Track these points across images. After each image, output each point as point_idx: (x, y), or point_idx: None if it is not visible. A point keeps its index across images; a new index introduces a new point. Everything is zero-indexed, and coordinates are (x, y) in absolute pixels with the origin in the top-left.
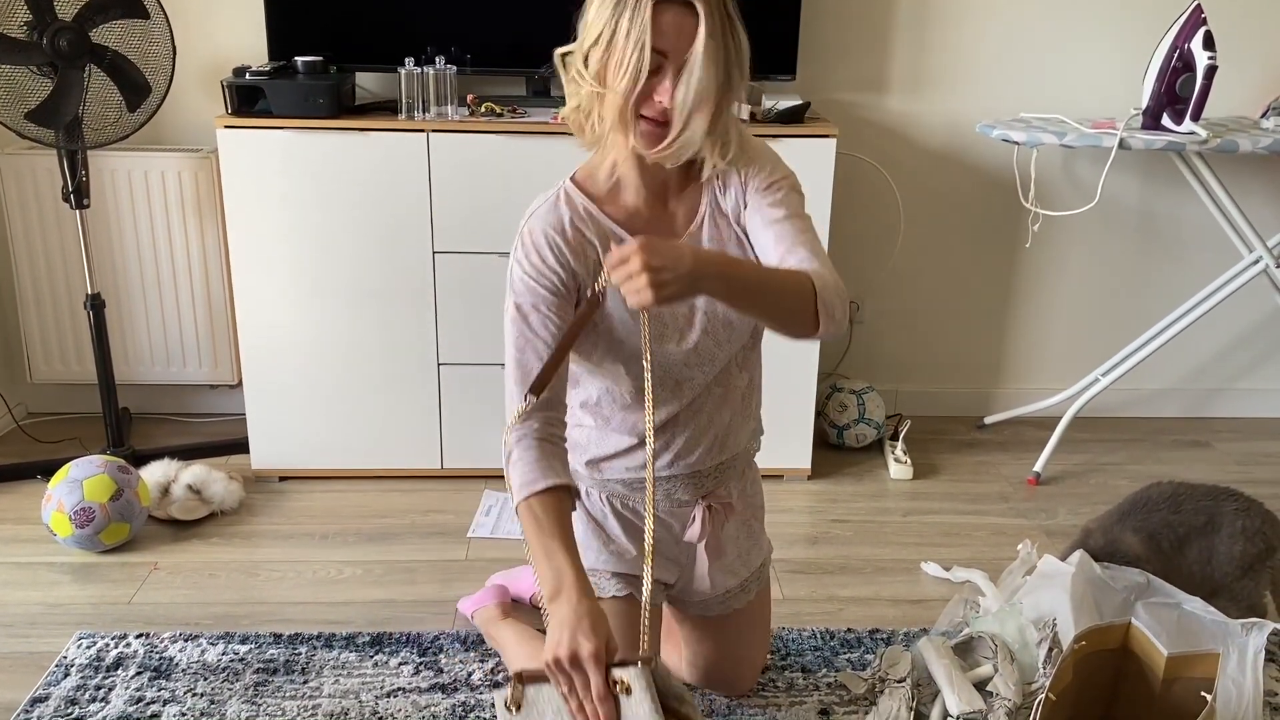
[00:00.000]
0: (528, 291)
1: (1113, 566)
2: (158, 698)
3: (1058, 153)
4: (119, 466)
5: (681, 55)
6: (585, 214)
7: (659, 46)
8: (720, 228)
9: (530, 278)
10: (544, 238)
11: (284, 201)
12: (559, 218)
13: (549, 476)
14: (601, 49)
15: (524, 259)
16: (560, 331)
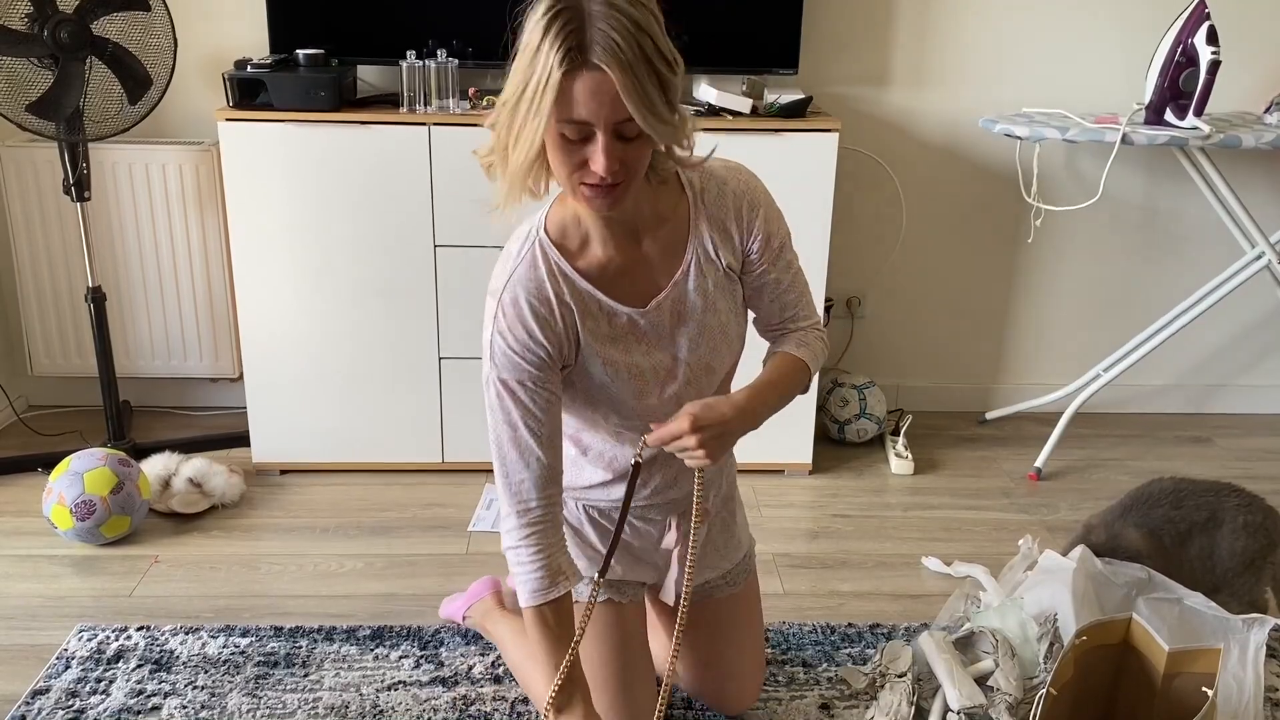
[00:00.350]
0: (512, 367)
1: (1114, 562)
2: (159, 690)
3: (1060, 148)
4: (120, 459)
5: (608, 118)
6: (560, 274)
7: (580, 117)
8: (706, 275)
9: (514, 353)
10: (527, 309)
11: (285, 195)
12: (538, 282)
13: (559, 581)
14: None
15: (507, 332)
16: (550, 401)
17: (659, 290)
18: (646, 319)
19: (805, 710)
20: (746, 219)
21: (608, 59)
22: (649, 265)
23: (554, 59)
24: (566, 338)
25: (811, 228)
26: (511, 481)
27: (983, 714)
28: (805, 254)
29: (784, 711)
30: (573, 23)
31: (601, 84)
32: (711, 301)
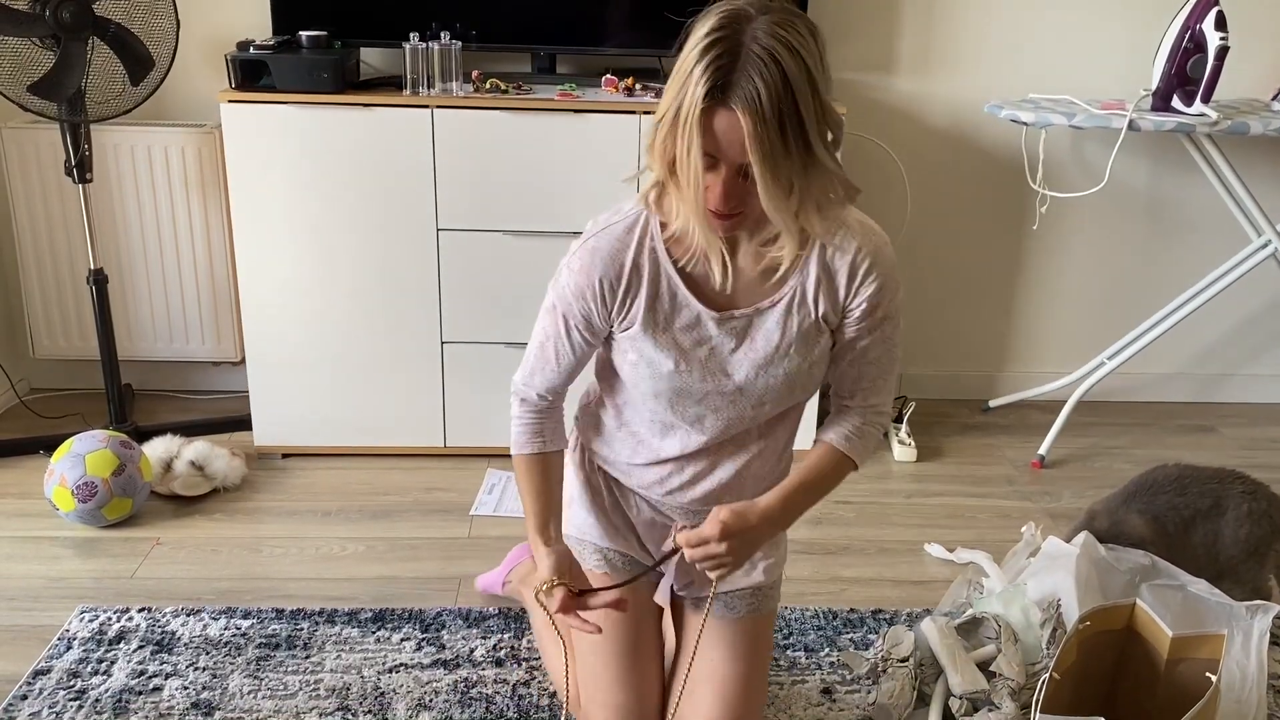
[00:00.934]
0: (570, 300)
1: (1117, 548)
2: (160, 671)
3: (1066, 134)
4: (121, 441)
5: (733, 158)
6: (649, 250)
7: (707, 149)
8: (794, 315)
9: (569, 291)
10: (600, 264)
11: (287, 177)
12: (623, 247)
13: (536, 443)
14: (664, 129)
15: (578, 273)
16: (583, 345)
17: (740, 305)
18: (716, 324)
19: (807, 695)
20: (860, 278)
21: (743, 106)
22: (740, 277)
23: (699, 92)
24: (622, 306)
25: None
26: (530, 365)
27: (985, 699)
28: None
29: (785, 696)
30: (725, 58)
31: (734, 126)
32: (788, 343)
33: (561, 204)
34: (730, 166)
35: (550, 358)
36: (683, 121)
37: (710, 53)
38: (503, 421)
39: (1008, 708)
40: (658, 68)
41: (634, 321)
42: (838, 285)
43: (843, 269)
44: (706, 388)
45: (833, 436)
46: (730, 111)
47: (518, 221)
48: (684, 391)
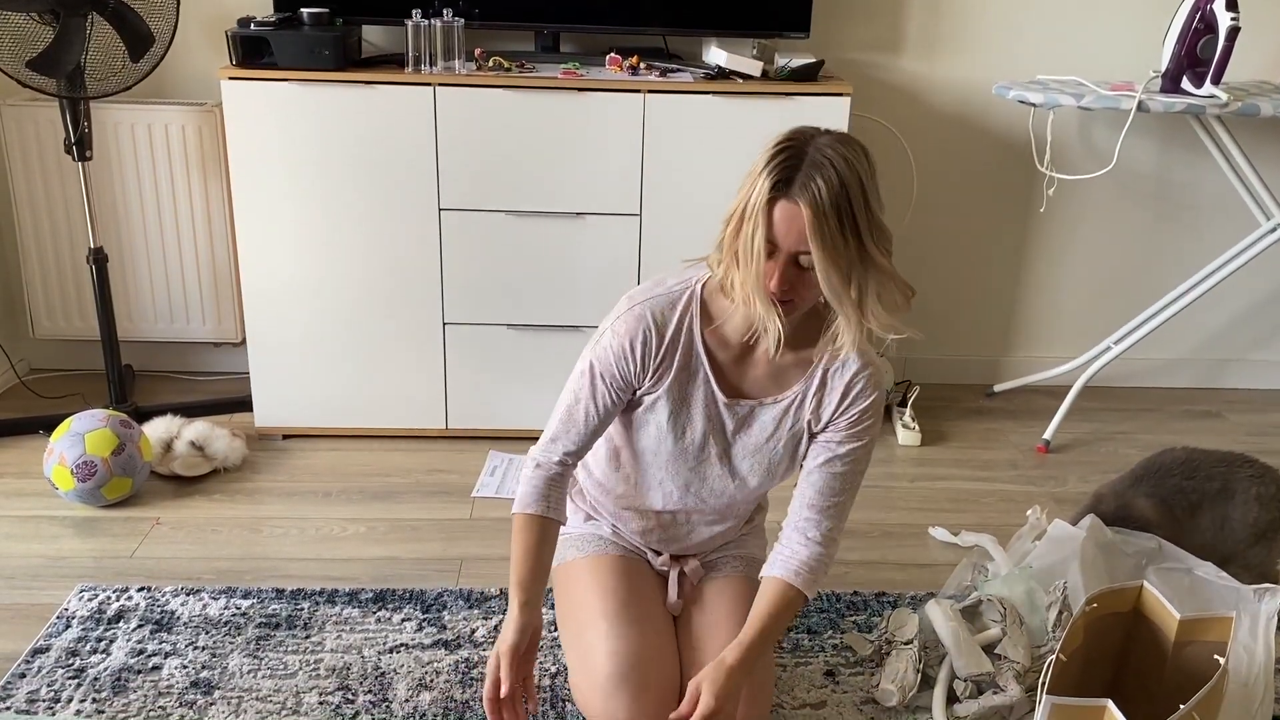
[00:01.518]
0: (611, 360)
1: (1124, 531)
2: (159, 650)
3: (1074, 116)
4: (121, 421)
5: (790, 246)
6: (689, 332)
7: (770, 237)
8: (788, 418)
9: (614, 356)
10: (644, 332)
11: (288, 155)
12: (666, 320)
13: (538, 506)
14: (733, 225)
15: (623, 335)
16: (613, 406)
17: (748, 397)
18: (724, 407)
19: (810, 677)
20: (855, 396)
21: (803, 196)
22: (753, 372)
23: (765, 185)
24: (655, 371)
25: None
26: (553, 429)
27: (989, 682)
28: None
29: (789, 678)
30: (791, 160)
31: (793, 215)
32: (779, 439)
33: (565, 184)
34: (786, 253)
35: (578, 420)
36: (750, 213)
37: (778, 157)
38: (504, 403)
39: (1012, 690)
40: (662, 46)
41: (659, 387)
42: (832, 398)
43: (839, 385)
44: (702, 458)
45: (788, 573)
46: (792, 203)
47: (520, 202)
48: (682, 457)
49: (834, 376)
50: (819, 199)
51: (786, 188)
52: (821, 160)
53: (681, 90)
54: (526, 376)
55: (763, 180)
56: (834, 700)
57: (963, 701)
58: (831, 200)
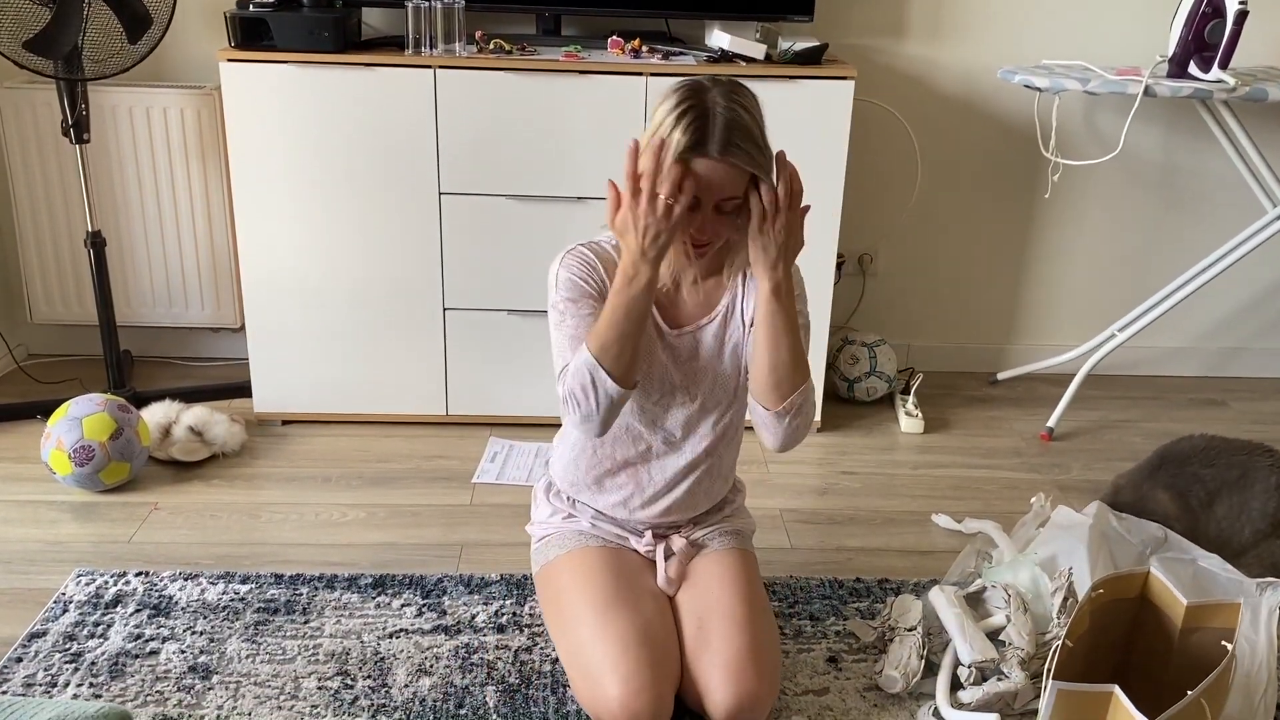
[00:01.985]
0: (570, 287)
1: (1130, 518)
2: (157, 635)
3: (1079, 102)
4: (119, 405)
5: (713, 198)
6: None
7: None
8: (729, 327)
9: (575, 278)
10: (593, 256)
11: (287, 138)
12: (607, 263)
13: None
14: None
15: (574, 264)
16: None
17: (688, 323)
18: (672, 336)
19: (813, 663)
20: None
21: (728, 152)
22: (687, 302)
23: (680, 138)
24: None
25: (825, 181)
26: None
27: (994, 668)
28: (818, 210)
29: (791, 665)
30: (699, 119)
31: (714, 169)
32: (723, 352)
33: (566, 168)
34: (710, 205)
35: (582, 336)
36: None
37: (685, 117)
38: (505, 389)
39: (1017, 677)
40: (664, 29)
41: None
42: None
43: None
44: (665, 389)
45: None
46: (712, 160)
47: (522, 186)
48: (647, 392)
49: (748, 279)
50: (742, 148)
51: (703, 146)
52: (730, 112)
53: (684, 73)
54: (527, 363)
55: (674, 141)
56: (837, 687)
57: (966, 688)
58: (750, 143)
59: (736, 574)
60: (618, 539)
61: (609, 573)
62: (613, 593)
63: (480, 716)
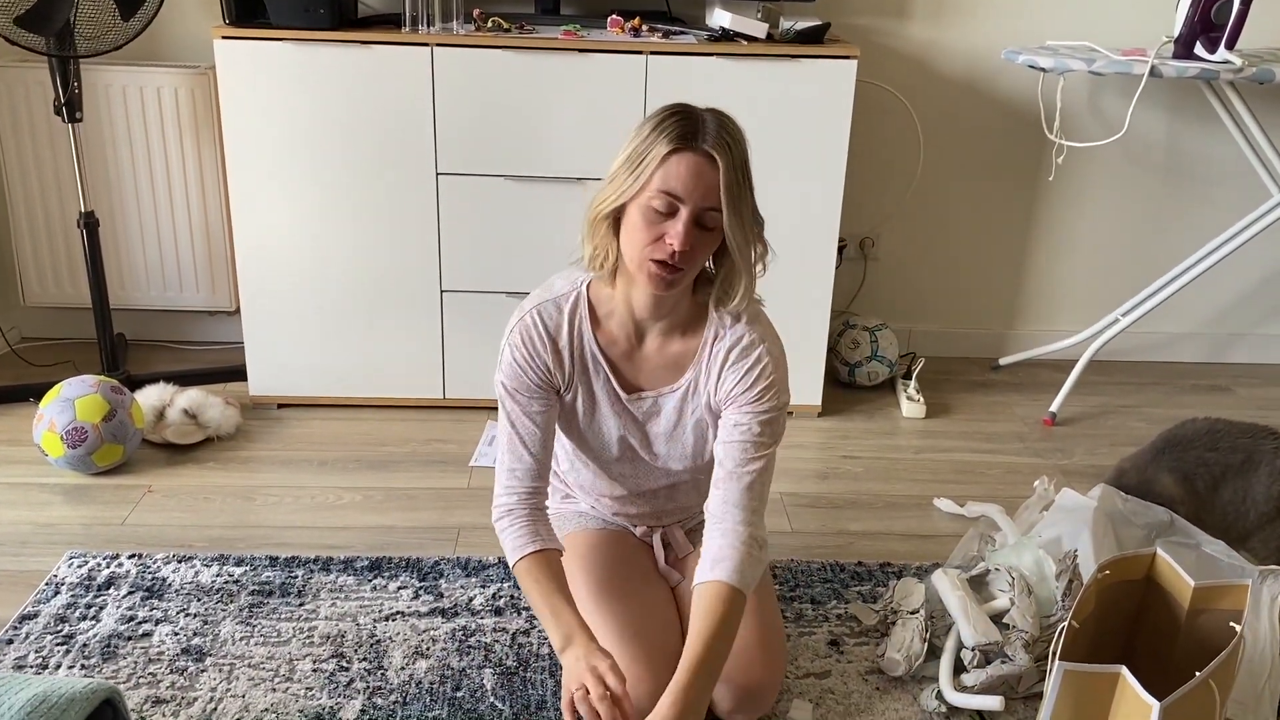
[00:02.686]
0: (514, 376)
1: (1136, 501)
2: (150, 617)
3: (1084, 84)
4: (112, 387)
5: (699, 201)
6: (580, 336)
7: (676, 191)
8: (688, 404)
9: (518, 365)
10: (539, 334)
11: (282, 118)
12: (559, 323)
13: (537, 541)
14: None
15: (520, 345)
16: (544, 414)
17: (649, 388)
18: (628, 402)
19: (814, 647)
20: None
21: (718, 148)
22: (649, 365)
23: (665, 136)
24: (564, 371)
25: (826, 163)
26: (505, 469)
27: (998, 651)
28: (819, 193)
29: (793, 648)
30: (688, 120)
31: (705, 167)
32: (684, 426)
33: (565, 148)
34: (692, 210)
35: (519, 447)
36: (644, 165)
37: (673, 118)
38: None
39: (1021, 659)
40: (664, 8)
41: (569, 391)
42: (716, 371)
43: (719, 357)
44: (623, 452)
45: (723, 574)
46: (700, 154)
47: (520, 166)
48: (607, 453)
49: (716, 355)
50: (731, 153)
51: (694, 139)
52: (720, 121)
53: (684, 52)
54: None
55: (661, 136)
56: (839, 670)
57: (970, 671)
58: (740, 157)
59: None
60: (616, 524)
61: (609, 557)
62: (611, 578)
63: (477, 699)
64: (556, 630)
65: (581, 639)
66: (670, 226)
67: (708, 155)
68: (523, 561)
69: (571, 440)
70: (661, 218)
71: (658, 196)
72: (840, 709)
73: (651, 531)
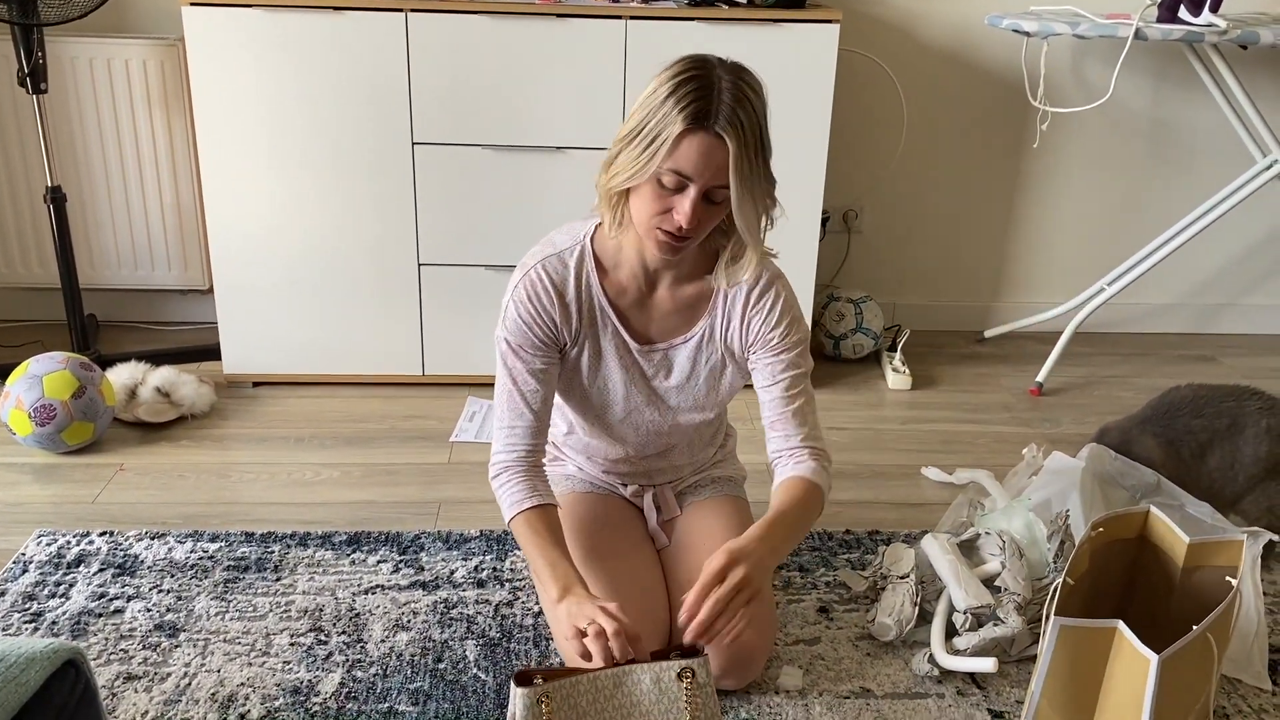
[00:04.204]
0: (518, 332)
1: (1125, 461)
2: (121, 594)
3: (1067, 49)
4: (82, 363)
5: (705, 181)
6: (586, 283)
7: (685, 171)
8: (704, 352)
9: (522, 321)
10: (545, 290)
11: (253, 87)
12: (564, 276)
13: (534, 497)
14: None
15: (525, 301)
16: (546, 371)
17: (660, 339)
18: (639, 355)
19: (803, 614)
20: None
21: (728, 129)
22: (660, 313)
23: (678, 113)
24: (571, 326)
25: (809, 133)
26: (504, 426)
27: (990, 614)
28: (802, 164)
29: (782, 615)
30: (703, 89)
31: (715, 148)
32: (697, 374)
33: (544, 116)
34: (701, 188)
35: (520, 404)
36: (655, 144)
37: (686, 85)
38: (483, 348)
39: (1013, 621)
40: None
41: (574, 346)
42: (736, 320)
43: (739, 306)
44: (629, 407)
45: (802, 470)
46: (711, 135)
47: (498, 135)
48: (610, 410)
49: (734, 301)
50: (743, 130)
51: (705, 119)
52: (737, 91)
53: (665, 16)
54: None
55: (674, 111)
56: (828, 636)
57: (962, 634)
58: (753, 133)
59: (727, 523)
60: (606, 485)
61: (595, 521)
62: (598, 543)
63: (460, 670)
64: (553, 580)
65: (579, 589)
66: (678, 202)
67: (719, 136)
68: (519, 516)
69: (572, 403)
70: (670, 192)
71: (667, 174)
72: (831, 674)
73: (643, 491)
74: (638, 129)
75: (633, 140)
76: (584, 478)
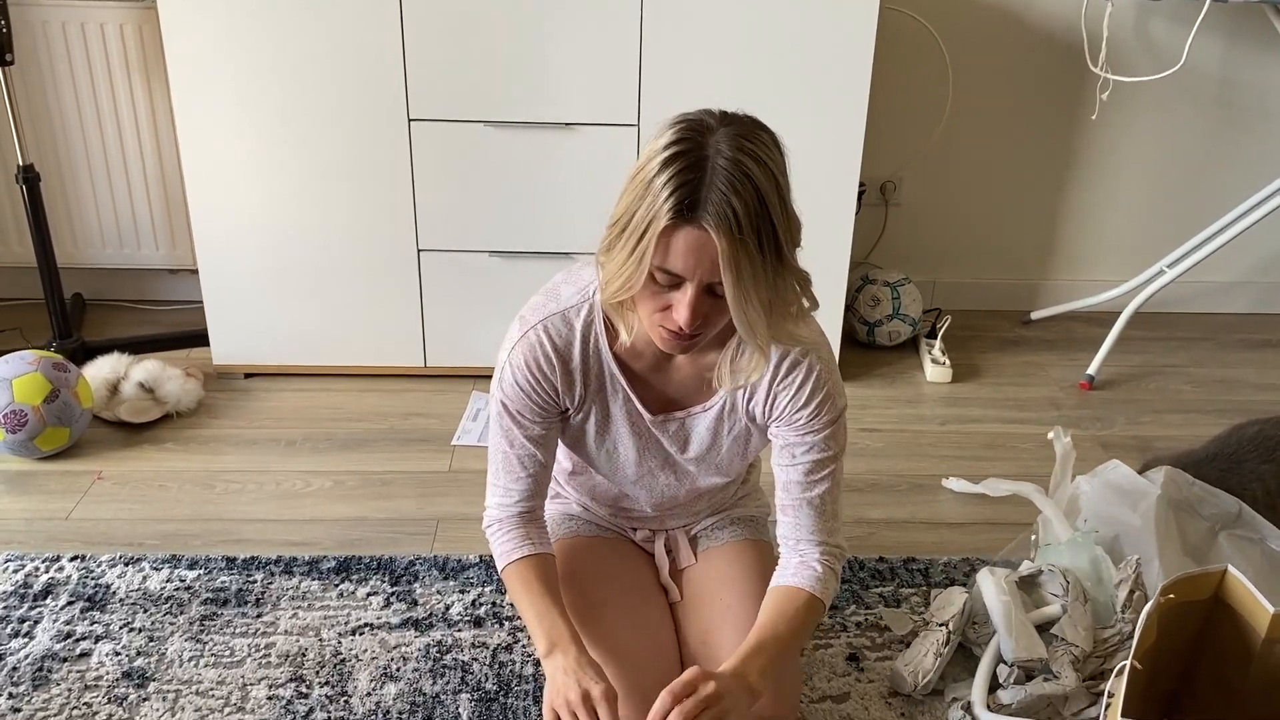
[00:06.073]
0: (515, 396)
1: (1204, 486)
2: (89, 633)
3: (1131, 10)
4: (54, 364)
5: (701, 278)
6: (595, 347)
7: (675, 270)
8: (725, 423)
9: (519, 386)
10: (545, 355)
11: (236, 57)
12: (569, 339)
13: (526, 545)
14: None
15: (522, 366)
16: (545, 436)
17: (676, 407)
18: (653, 425)
19: (831, 662)
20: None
21: (717, 224)
22: (678, 377)
23: (663, 205)
24: (575, 393)
25: (845, 101)
26: (499, 485)
27: (1041, 667)
28: (838, 132)
29: (807, 664)
30: (692, 171)
31: (705, 244)
32: (719, 445)
33: (551, 90)
34: (697, 285)
35: (515, 468)
36: (647, 240)
37: (673, 165)
38: (488, 338)
39: (1068, 678)
40: None
41: (579, 412)
42: (764, 384)
43: (787, 394)
44: (641, 472)
45: (804, 580)
46: (699, 229)
47: (501, 110)
48: (620, 472)
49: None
50: (734, 223)
51: (692, 211)
52: (729, 169)
53: None
54: (511, 309)
55: (660, 201)
56: (858, 691)
57: (1007, 688)
58: (750, 222)
59: (746, 572)
60: (613, 528)
61: (599, 571)
62: (603, 597)
63: None
64: (540, 633)
65: (569, 647)
66: (677, 299)
67: (706, 230)
68: (511, 566)
69: (579, 455)
70: (666, 290)
71: (659, 271)
72: None
73: (654, 536)
74: (626, 218)
75: (623, 232)
76: (589, 519)
